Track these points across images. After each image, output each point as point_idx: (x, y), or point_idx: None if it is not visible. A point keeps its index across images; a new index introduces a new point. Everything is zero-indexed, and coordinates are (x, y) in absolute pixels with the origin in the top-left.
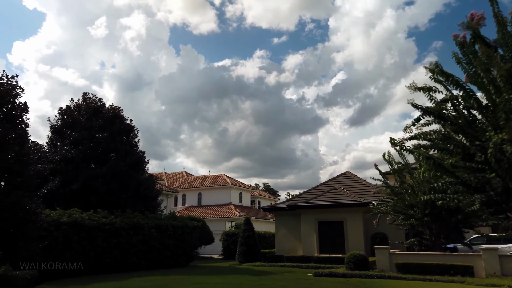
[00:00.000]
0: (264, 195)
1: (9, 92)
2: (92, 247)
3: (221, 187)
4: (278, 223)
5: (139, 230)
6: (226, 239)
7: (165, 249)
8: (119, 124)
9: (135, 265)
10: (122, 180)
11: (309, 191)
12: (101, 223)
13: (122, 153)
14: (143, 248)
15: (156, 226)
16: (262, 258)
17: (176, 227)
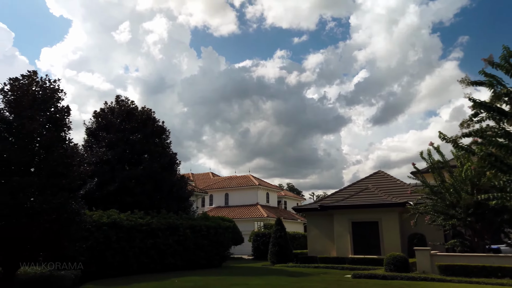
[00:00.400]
0: (290, 195)
1: (52, 96)
2: (130, 247)
3: (248, 187)
4: (309, 223)
5: (174, 231)
6: (256, 239)
7: (199, 250)
8: (151, 126)
9: (171, 265)
10: (156, 181)
11: (340, 191)
12: (139, 223)
13: (155, 154)
14: (178, 248)
15: (190, 226)
16: (294, 259)
17: (210, 228)
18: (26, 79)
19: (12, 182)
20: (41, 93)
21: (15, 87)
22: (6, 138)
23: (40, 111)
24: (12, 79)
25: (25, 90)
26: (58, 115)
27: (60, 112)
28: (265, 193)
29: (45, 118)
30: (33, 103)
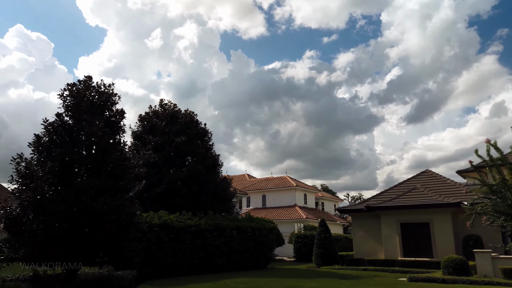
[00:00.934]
0: (328, 196)
1: (108, 100)
2: (180, 248)
3: (285, 188)
4: (355, 225)
5: (221, 232)
6: (298, 241)
7: (245, 251)
8: (194, 129)
9: (219, 266)
10: (201, 182)
11: (386, 191)
12: (188, 224)
13: (199, 156)
14: (225, 249)
15: (236, 227)
16: (340, 261)
17: (254, 229)
18: (83, 84)
19: (75, 184)
20: (97, 98)
21: (73, 92)
22: (67, 141)
23: (98, 115)
24: (69, 84)
25: (82, 95)
26: (113, 119)
27: (115, 115)
28: (303, 194)
29: (102, 121)
30: (90, 107)
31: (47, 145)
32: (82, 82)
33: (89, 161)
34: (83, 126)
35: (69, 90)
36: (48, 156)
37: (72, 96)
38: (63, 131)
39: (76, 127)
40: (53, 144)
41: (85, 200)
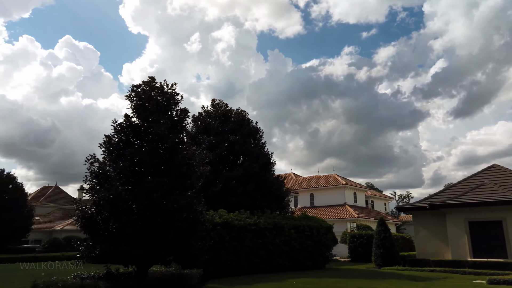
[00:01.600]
0: (377, 194)
1: (171, 99)
2: (241, 247)
3: (334, 187)
4: (417, 224)
5: (280, 231)
6: (353, 240)
7: (303, 250)
8: (246, 127)
9: (278, 266)
10: (256, 181)
11: (449, 188)
12: (247, 223)
13: (253, 155)
14: (284, 248)
15: (294, 226)
16: (401, 262)
17: (312, 228)
18: (147, 85)
19: (145, 183)
20: (160, 98)
21: (140, 93)
22: (135, 141)
23: (163, 114)
24: (135, 86)
25: (148, 96)
26: (177, 118)
27: (179, 114)
28: (352, 193)
29: (168, 121)
30: (156, 107)
31: (117, 145)
32: (146, 83)
33: (157, 160)
34: (150, 126)
35: (135, 91)
36: (119, 156)
37: (138, 97)
38: (131, 131)
39: (144, 127)
40: (123, 144)
41: (155, 198)
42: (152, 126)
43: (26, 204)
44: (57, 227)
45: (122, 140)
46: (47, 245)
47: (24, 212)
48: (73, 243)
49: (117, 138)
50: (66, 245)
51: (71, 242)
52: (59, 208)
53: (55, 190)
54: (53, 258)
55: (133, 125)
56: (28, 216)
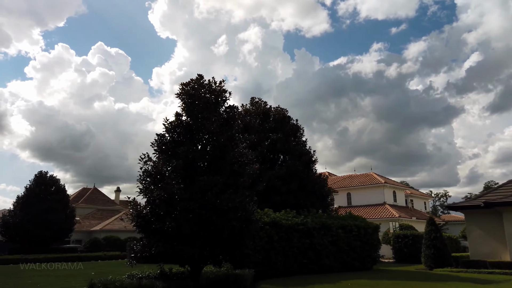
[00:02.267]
0: (417, 193)
1: (219, 96)
2: (290, 247)
3: (373, 186)
4: (470, 223)
5: (327, 231)
6: (397, 241)
7: (351, 251)
8: (287, 125)
9: (327, 267)
10: (300, 179)
11: (505, 185)
12: (295, 223)
13: (296, 153)
14: (332, 249)
15: (342, 226)
16: (453, 263)
17: (360, 228)
18: (195, 83)
19: (199, 181)
20: (209, 95)
21: (190, 91)
22: (187, 139)
23: (213, 112)
24: (184, 84)
25: (198, 94)
26: (226, 115)
27: (228, 112)
28: (392, 192)
29: (220, 118)
30: (206, 105)
31: (170, 144)
32: (195, 81)
33: (210, 158)
34: (202, 124)
35: (184, 90)
36: (172, 154)
37: (188, 96)
38: (182, 129)
39: (195, 125)
40: (175, 143)
41: (210, 197)
42: (204, 123)
43: (68, 205)
44: (96, 227)
45: (174, 139)
46: (87, 245)
47: (67, 213)
48: (129, 242)
49: (169, 137)
50: (105, 245)
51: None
52: (98, 209)
53: (93, 192)
54: (96, 258)
55: (184, 123)
56: (71, 217)
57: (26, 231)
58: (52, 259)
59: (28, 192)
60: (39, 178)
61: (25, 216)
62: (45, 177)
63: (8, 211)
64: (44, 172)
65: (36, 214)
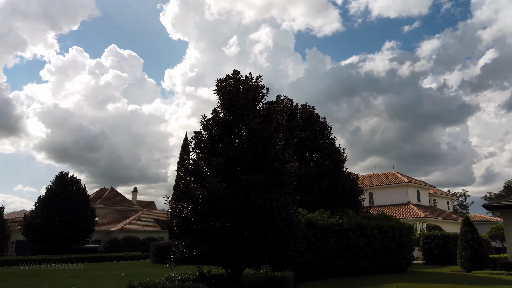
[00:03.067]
0: (440, 193)
1: (257, 92)
2: (326, 248)
3: (396, 185)
4: (507, 223)
5: (363, 231)
6: (427, 242)
7: (386, 252)
8: (315, 122)
9: (363, 269)
10: (330, 178)
11: None
12: (331, 223)
13: (326, 151)
14: (368, 250)
15: (377, 227)
16: (491, 265)
17: (394, 228)
18: (232, 78)
19: (242, 180)
20: (245, 91)
21: (226, 87)
22: (226, 137)
23: (253, 108)
24: (220, 80)
25: (236, 90)
26: (266, 112)
27: (267, 108)
28: (415, 191)
29: (259, 114)
30: (246, 101)
31: (209, 141)
32: (231, 77)
33: (251, 156)
34: (242, 121)
35: (223, 86)
36: (211, 152)
37: (227, 91)
38: (221, 126)
39: (234, 122)
40: (213, 140)
41: (253, 197)
42: (245, 120)
43: (89, 205)
44: (115, 227)
45: (213, 136)
46: (107, 245)
47: (88, 213)
48: (171, 244)
49: (207, 134)
50: (124, 245)
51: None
52: (116, 210)
53: (111, 192)
54: (118, 258)
55: (223, 120)
56: (91, 218)
57: (49, 232)
58: (76, 259)
59: (50, 193)
60: (60, 178)
61: (47, 217)
62: (65, 177)
63: (30, 211)
64: (65, 173)
65: (58, 214)
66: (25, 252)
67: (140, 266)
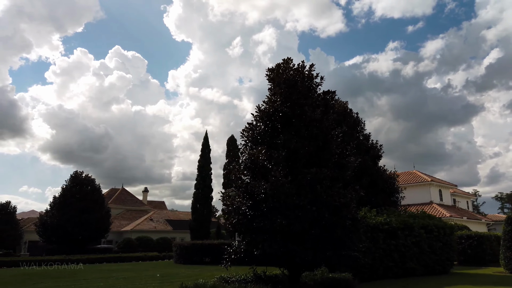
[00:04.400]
0: (460, 192)
1: (312, 81)
2: (376, 248)
3: (417, 184)
4: None
5: (410, 231)
6: (461, 242)
7: (432, 253)
8: (351, 118)
9: (411, 270)
10: (370, 175)
11: None
12: (379, 222)
13: (363, 147)
14: (416, 251)
15: (423, 226)
16: None
17: (439, 228)
18: (284, 67)
19: (305, 174)
20: (301, 80)
21: (282, 77)
22: (283, 128)
23: (311, 98)
24: (271, 69)
25: (293, 79)
26: (324, 102)
27: (324, 97)
28: (438, 190)
29: (319, 105)
30: (305, 90)
31: (264, 133)
32: (284, 65)
33: (312, 149)
34: (303, 111)
35: (277, 75)
36: (271, 145)
37: (284, 80)
38: (278, 117)
39: (293, 113)
40: (270, 132)
41: (320, 192)
42: (306, 110)
43: (104, 205)
44: (127, 228)
45: (269, 128)
46: (121, 245)
47: (103, 213)
48: (226, 245)
49: (263, 125)
50: (138, 245)
51: (147, 243)
52: (127, 210)
53: (122, 192)
54: (136, 258)
55: (279, 111)
56: (106, 217)
57: (65, 231)
58: (96, 259)
59: (65, 192)
60: (74, 178)
61: (62, 216)
62: (80, 177)
63: (45, 211)
64: (79, 172)
65: (74, 214)
66: (39, 253)
67: (166, 266)
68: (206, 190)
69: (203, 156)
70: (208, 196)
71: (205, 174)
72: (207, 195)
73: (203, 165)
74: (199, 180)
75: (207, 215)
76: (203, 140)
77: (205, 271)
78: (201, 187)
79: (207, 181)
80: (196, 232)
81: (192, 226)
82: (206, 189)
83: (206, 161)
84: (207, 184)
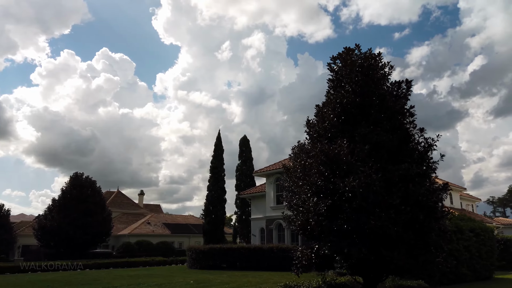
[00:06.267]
0: (466, 195)
1: (380, 71)
2: None
3: None
4: None
5: (461, 234)
6: None
7: (479, 257)
8: None
9: (462, 276)
10: None
11: None
12: None
13: None
14: (467, 255)
15: (471, 229)
16: None
17: (485, 231)
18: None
19: (393, 171)
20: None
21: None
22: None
23: (379, 89)
24: (333, 57)
25: (367, 66)
26: (400, 93)
27: (399, 88)
28: (449, 193)
29: (397, 94)
30: (380, 79)
31: (338, 125)
32: (345, 54)
33: (396, 143)
34: (383, 101)
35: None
36: (350, 138)
37: (358, 67)
38: (352, 108)
39: (370, 103)
40: (343, 123)
41: (412, 190)
42: (387, 101)
43: (105, 208)
44: (124, 231)
45: (341, 120)
46: (120, 249)
47: (104, 216)
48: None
49: (335, 117)
50: (138, 250)
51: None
52: (123, 213)
53: (117, 195)
54: (144, 263)
55: (352, 103)
56: (107, 220)
57: (66, 235)
58: (102, 265)
59: (65, 195)
60: (75, 179)
61: (63, 219)
62: (80, 178)
63: (43, 214)
64: (80, 174)
65: (75, 217)
66: (33, 258)
67: (183, 271)
68: (220, 192)
69: (216, 157)
70: (222, 198)
71: (218, 175)
72: (221, 197)
73: (216, 166)
74: (212, 182)
75: (221, 218)
76: (216, 140)
77: (239, 278)
78: (214, 189)
79: (221, 182)
80: (210, 235)
81: (206, 229)
82: (220, 191)
83: (220, 162)
84: (220, 185)
